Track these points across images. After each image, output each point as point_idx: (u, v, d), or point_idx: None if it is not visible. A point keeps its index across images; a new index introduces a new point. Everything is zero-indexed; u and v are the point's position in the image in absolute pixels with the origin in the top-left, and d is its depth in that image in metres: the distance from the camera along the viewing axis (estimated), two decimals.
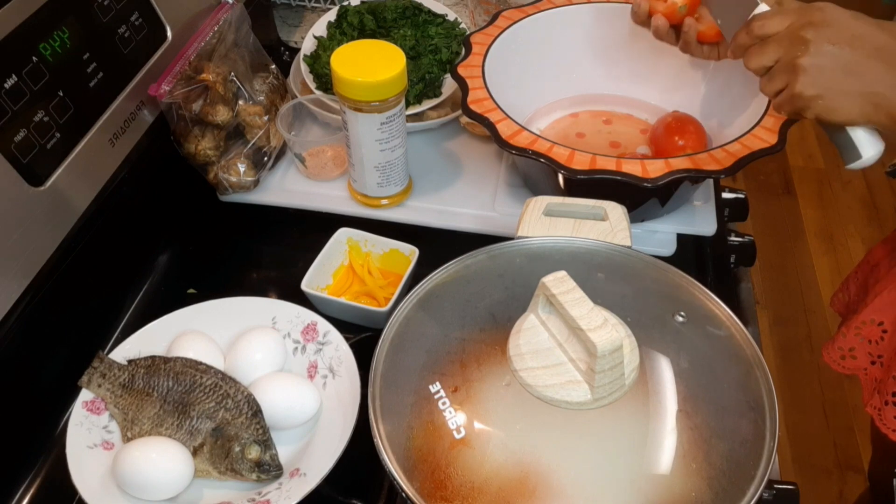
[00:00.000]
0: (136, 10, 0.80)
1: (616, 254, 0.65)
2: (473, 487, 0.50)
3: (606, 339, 0.51)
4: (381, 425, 0.54)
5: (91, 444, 0.64)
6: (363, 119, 0.78)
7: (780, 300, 2.05)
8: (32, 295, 0.67)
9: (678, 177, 0.72)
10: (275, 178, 0.91)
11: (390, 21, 1.00)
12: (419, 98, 0.94)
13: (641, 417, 0.54)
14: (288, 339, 0.72)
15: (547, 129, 0.93)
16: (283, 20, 1.16)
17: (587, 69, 0.94)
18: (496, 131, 0.76)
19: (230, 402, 0.65)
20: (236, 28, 0.88)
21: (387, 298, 0.76)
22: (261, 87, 0.89)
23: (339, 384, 0.68)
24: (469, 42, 0.86)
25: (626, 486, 0.51)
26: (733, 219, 0.95)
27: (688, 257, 0.84)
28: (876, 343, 0.85)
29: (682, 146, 0.84)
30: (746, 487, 0.50)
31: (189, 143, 0.84)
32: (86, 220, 0.73)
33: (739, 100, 0.84)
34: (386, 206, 0.87)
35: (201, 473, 0.64)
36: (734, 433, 0.53)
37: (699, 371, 0.57)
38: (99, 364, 0.68)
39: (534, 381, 0.54)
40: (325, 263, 0.79)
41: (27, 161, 0.66)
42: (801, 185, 2.40)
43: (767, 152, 0.73)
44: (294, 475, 0.63)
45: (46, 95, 0.68)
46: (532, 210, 0.67)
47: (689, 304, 0.61)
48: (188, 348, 0.69)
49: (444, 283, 0.63)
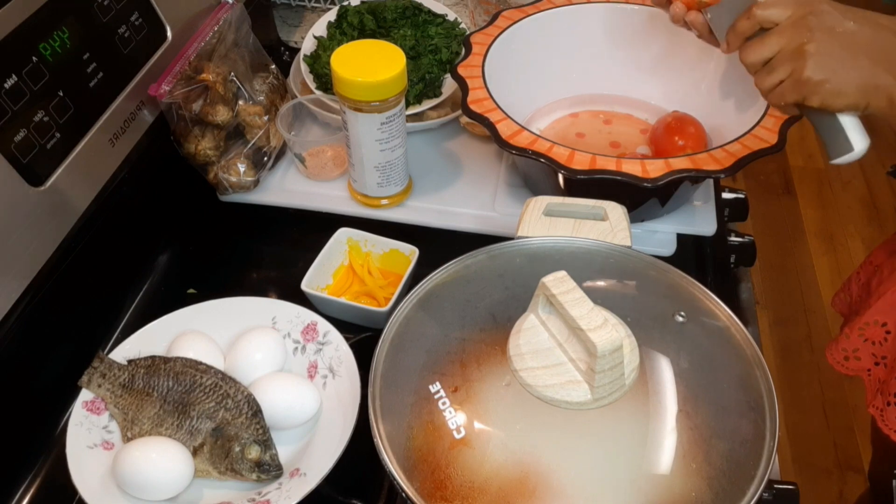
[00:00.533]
0: (136, 10, 0.80)
1: (616, 254, 0.65)
2: (473, 487, 0.50)
3: (606, 339, 0.51)
4: (381, 425, 0.54)
5: (91, 444, 0.64)
6: (363, 119, 0.78)
7: (780, 300, 2.05)
8: (32, 295, 0.67)
9: (678, 177, 0.72)
10: (275, 178, 0.91)
11: (390, 21, 1.00)
12: (419, 98, 0.94)
13: (641, 417, 0.54)
14: (288, 339, 0.72)
15: (547, 129, 0.93)
16: (283, 20, 1.16)
17: (587, 69, 0.94)
18: (496, 131, 0.76)
19: (230, 402, 0.65)
20: (236, 28, 0.88)
21: (387, 298, 0.76)
22: (261, 87, 0.89)
23: (339, 384, 0.68)
24: (469, 42, 0.86)
25: (626, 486, 0.51)
26: (733, 219, 0.95)
27: (688, 257, 0.84)
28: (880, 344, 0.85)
29: (682, 146, 0.84)
30: (746, 487, 0.50)
31: (189, 143, 0.84)
32: (86, 220, 0.73)
33: (739, 100, 0.85)
34: (386, 206, 0.87)
35: (201, 473, 0.64)
36: (734, 433, 0.53)
37: (699, 371, 0.57)
38: (99, 364, 0.68)
39: (534, 381, 0.54)
40: (325, 263, 0.79)
41: (27, 161, 0.66)
42: (801, 185, 2.40)
43: (767, 152, 0.73)
44: (294, 475, 0.63)
45: (46, 95, 0.68)
46: (532, 210, 0.67)
47: (689, 304, 0.61)
48: (188, 348, 0.69)
49: (444, 283, 0.63)
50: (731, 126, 0.81)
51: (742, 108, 0.83)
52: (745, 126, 0.77)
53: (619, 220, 0.66)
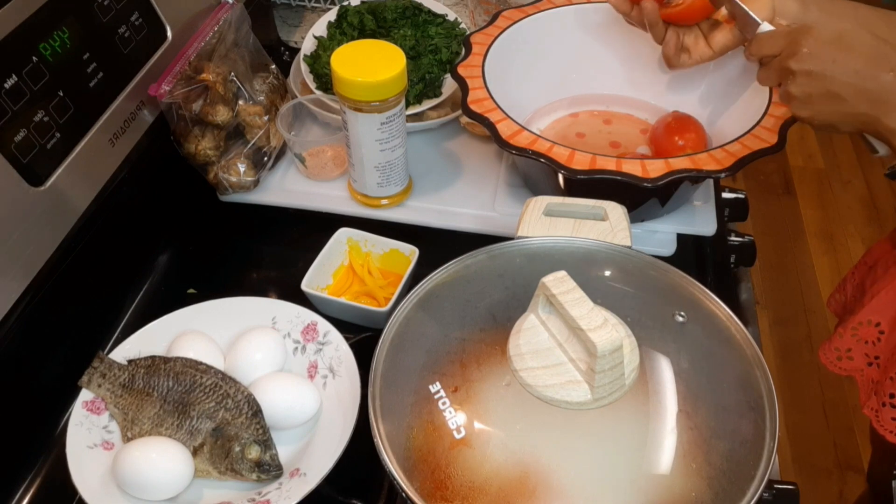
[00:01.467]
0: (136, 10, 0.80)
1: (616, 254, 0.65)
2: (473, 487, 0.50)
3: (606, 339, 0.51)
4: (381, 425, 0.54)
5: (91, 444, 0.64)
6: (363, 119, 0.78)
7: (780, 300, 2.05)
8: (32, 295, 0.67)
9: (678, 177, 0.72)
10: (275, 178, 0.91)
11: (390, 21, 1.00)
12: (419, 98, 0.94)
13: (641, 417, 0.54)
14: (288, 339, 0.72)
15: (547, 129, 0.93)
16: (283, 20, 1.16)
17: (587, 69, 0.94)
18: (496, 131, 0.76)
19: (230, 402, 0.65)
20: (236, 28, 0.88)
21: (387, 298, 0.76)
22: (261, 87, 0.89)
23: (339, 384, 0.68)
24: (469, 42, 0.86)
25: (626, 486, 0.51)
26: (733, 219, 0.95)
27: (688, 257, 0.84)
28: (873, 344, 0.85)
29: (682, 146, 0.84)
30: (746, 487, 0.50)
31: (189, 143, 0.84)
32: (86, 220, 0.73)
33: (739, 100, 0.85)
34: (386, 206, 0.87)
35: (201, 473, 0.64)
36: (734, 433, 0.53)
37: (699, 371, 0.57)
38: (99, 364, 0.68)
39: (534, 381, 0.54)
40: (325, 263, 0.79)
41: (27, 161, 0.66)
42: (801, 185, 2.40)
43: (767, 152, 0.73)
44: (294, 475, 0.63)
45: (46, 95, 0.68)
46: (532, 210, 0.67)
47: (689, 304, 0.61)
48: (188, 348, 0.69)
49: (444, 283, 0.63)
50: (731, 126, 0.81)
51: (742, 108, 0.83)
52: (745, 126, 0.77)
53: (619, 220, 0.66)
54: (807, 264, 2.15)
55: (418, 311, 0.61)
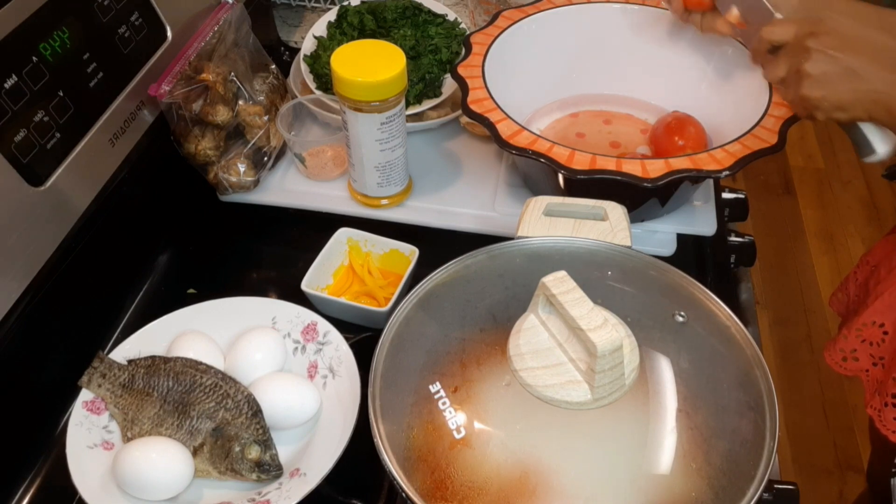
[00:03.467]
0: (136, 10, 0.80)
1: (616, 254, 0.65)
2: (473, 487, 0.50)
3: (606, 339, 0.51)
4: (381, 425, 0.54)
5: (91, 444, 0.64)
6: (363, 119, 0.78)
7: (780, 300, 2.05)
8: (32, 295, 0.67)
9: (678, 177, 0.72)
10: (275, 178, 0.91)
11: (390, 21, 1.00)
12: (419, 98, 0.94)
13: (641, 417, 0.54)
14: (288, 339, 0.72)
15: (547, 129, 0.93)
16: (283, 20, 1.16)
17: (587, 69, 0.94)
18: (496, 131, 0.76)
19: (230, 402, 0.65)
20: (236, 28, 0.88)
21: (387, 298, 0.76)
22: (261, 87, 0.89)
23: (339, 384, 0.68)
24: (469, 42, 0.86)
25: (626, 486, 0.51)
26: (733, 219, 0.95)
27: (688, 257, 0.84)
28: (877, 345, 0.85)
29: (682, 146, 0.84)
30: (746, 487, 0.50)
31: (189, 143, 0.84)
32: (86, 220, 0.73)
33: (739, 100, 0.84)
34: (386, 206, 0.87)
35: (201, 473, 0.64)
36: (734, 433, 0.53)
37: (699, 371, 0.57)
38: (99, 364, 0.68)
39: (534, 381, 0.54)
40: (325, 263, 0.79)
41: (27, 161, 0.66)
42: (801, 185, 2.40)
43: (767, 152, 0.73)
44: (294, 475, 0.63)
45: (46, 95, 0.68)
46: (532, 210, 0.67)
47: (689, 304, 0.61)
48: (188, 348, 0.69)
49: (444, 283, 0.63)
50: (731, 126, 0.81)
51: (742, 109, 0.83)
52: (745, 126, 0.77)
53: (619, 220, 0.67)
54: (807, 264, 2.15)
55: (418, 311, 0.61)
